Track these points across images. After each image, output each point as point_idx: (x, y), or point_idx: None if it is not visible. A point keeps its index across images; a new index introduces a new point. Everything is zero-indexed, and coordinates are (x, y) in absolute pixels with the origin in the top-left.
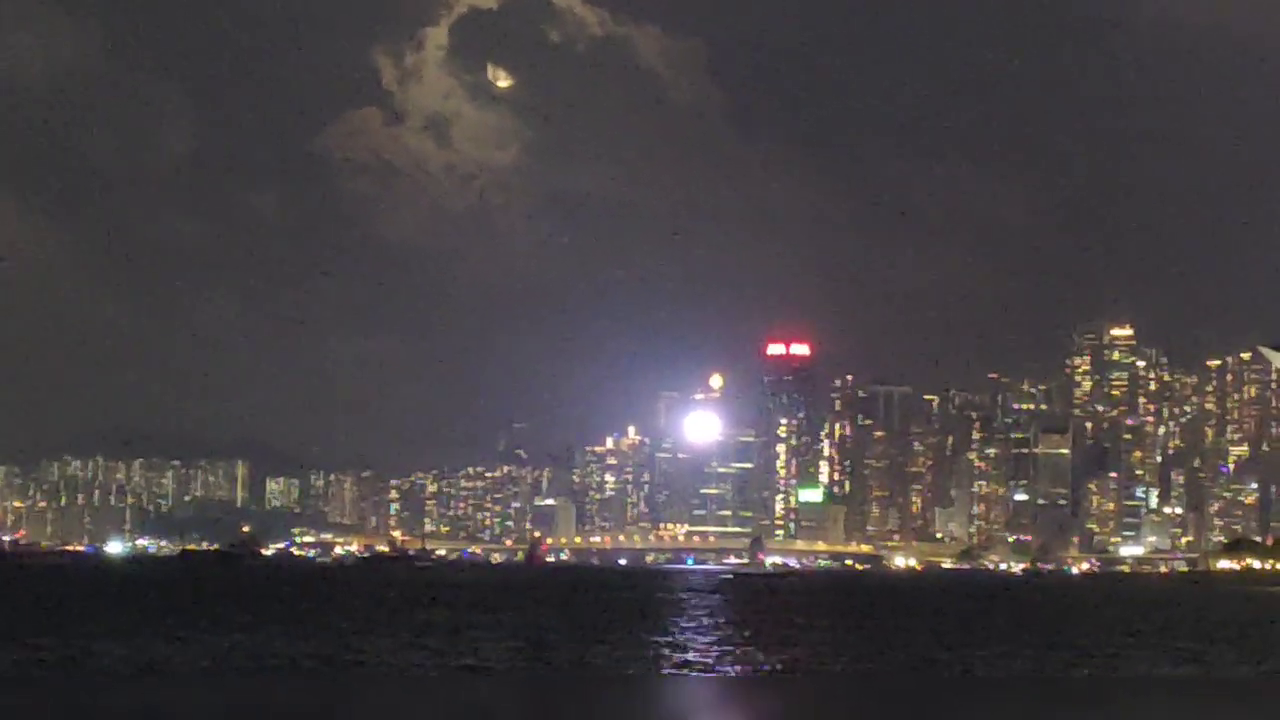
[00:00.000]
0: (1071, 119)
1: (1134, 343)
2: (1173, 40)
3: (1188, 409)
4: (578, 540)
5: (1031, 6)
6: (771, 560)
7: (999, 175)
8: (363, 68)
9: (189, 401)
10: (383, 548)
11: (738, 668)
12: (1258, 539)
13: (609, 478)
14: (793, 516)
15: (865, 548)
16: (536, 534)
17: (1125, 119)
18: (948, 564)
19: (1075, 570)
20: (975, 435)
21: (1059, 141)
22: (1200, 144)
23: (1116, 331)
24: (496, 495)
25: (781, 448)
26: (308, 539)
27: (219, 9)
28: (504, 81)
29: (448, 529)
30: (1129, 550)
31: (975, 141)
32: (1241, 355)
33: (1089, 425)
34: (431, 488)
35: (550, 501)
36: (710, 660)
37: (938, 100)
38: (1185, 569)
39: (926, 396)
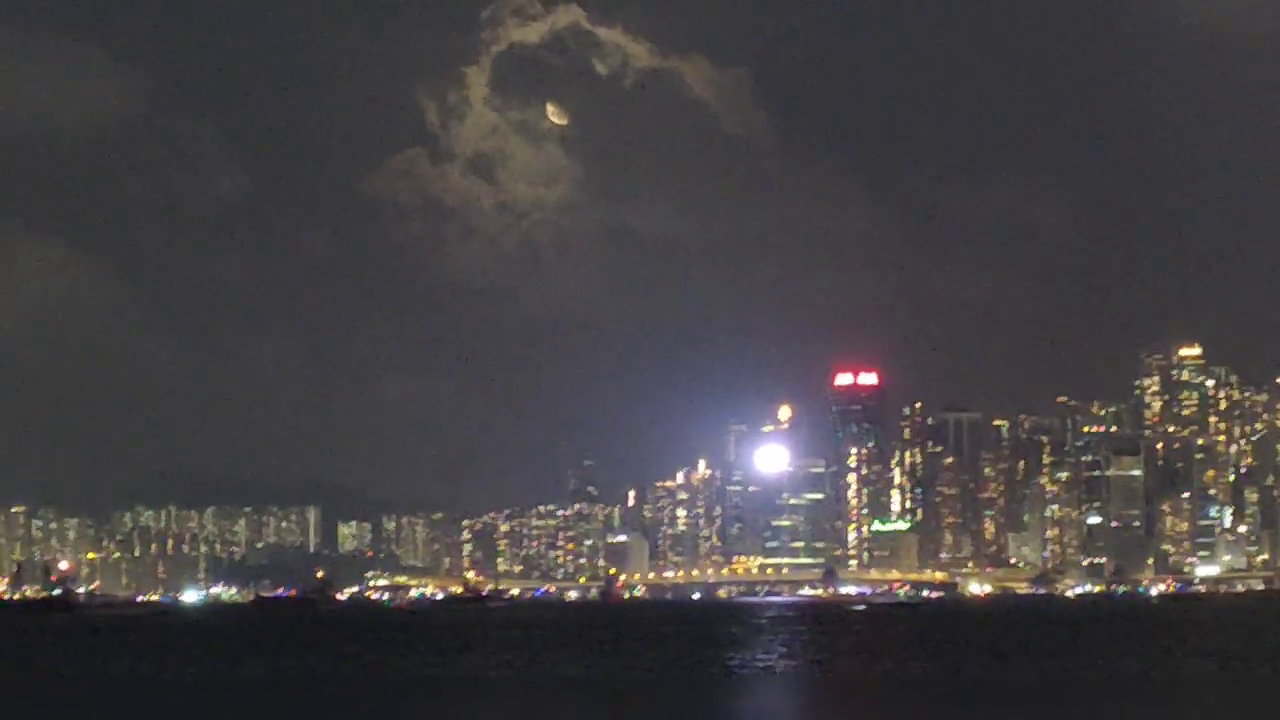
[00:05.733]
0: (1133, 137)
1: (1202, 362)
2: (1232, 50)
3: (1259, 426)
4: (651, 576)
5: (1086, 21)
6: (904, 590)
7: (1061, 196)
8: (406, 108)
9: (257, 447)
10: (456, 588)
11: None
12: None
13: (680, 512)
14: (866, 546)
15: (939, 575)
16: (612, 571)
17: (1187, 134)
18: (1023, 589)
19: (1154, 592)
20: (1046, 459)
21: (1120, 160)
22: (1263, 157)
23: (1185, 351)
24: (569, 533)
25: (852, 477)
26: (381, 582)
27: (260, 52)
28: (559, 119)
29: (521, 568)
30: (1205, 570)
31: (1034, 162)
32: None
33: (1160, 446)
34: (504, 527)
35: (623, 538)
36: None
37: (993, 121)
38: (1261, 587)
39: (996, 422)
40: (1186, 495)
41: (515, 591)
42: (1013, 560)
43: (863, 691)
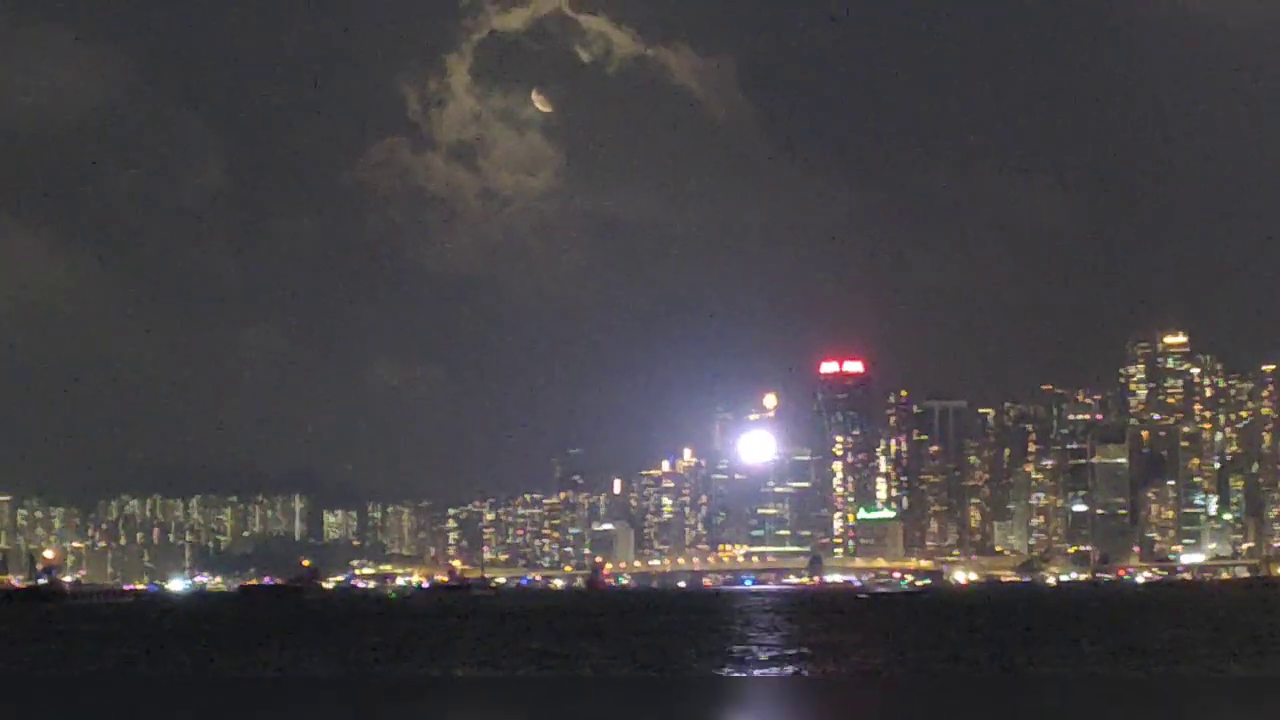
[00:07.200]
0: (1119, 127)
1: (1188, 350)
2: (1224, 42)
3: (1244, 414)
4: (637, 564)
5: (1075, 12)
6: (908, 578)
7: (1047, 185)
8: (388, 97)
9: (243, 437)
10: (442, 577)
11: None
12: None
13: (666, 501)
14: (851, 534)
15: (925, 563)
16: (597, 559)
17: (1175, 125)
18: (1008, 577)
19: (1140, 579)
20: (1031, 447)
21: (1106, 149)
22: (1249, 148)
23: (1170, 339)
24: (554, 522)
25: (838, 465)
26: (367, 571)
27: (244, 44)
28: (543, 106)
29: (507, 557)
30: (1190, 558)
31: (1021, 151)
32: None
33: (1145, 434)
34: (489, 516)
35: (608, 526)
36: None
37: (977, 108)
38: (1247, 575)
39: (982, 410)
40: (1171, 483)
41: (501, 580)
42: (998, 548)
43: None
